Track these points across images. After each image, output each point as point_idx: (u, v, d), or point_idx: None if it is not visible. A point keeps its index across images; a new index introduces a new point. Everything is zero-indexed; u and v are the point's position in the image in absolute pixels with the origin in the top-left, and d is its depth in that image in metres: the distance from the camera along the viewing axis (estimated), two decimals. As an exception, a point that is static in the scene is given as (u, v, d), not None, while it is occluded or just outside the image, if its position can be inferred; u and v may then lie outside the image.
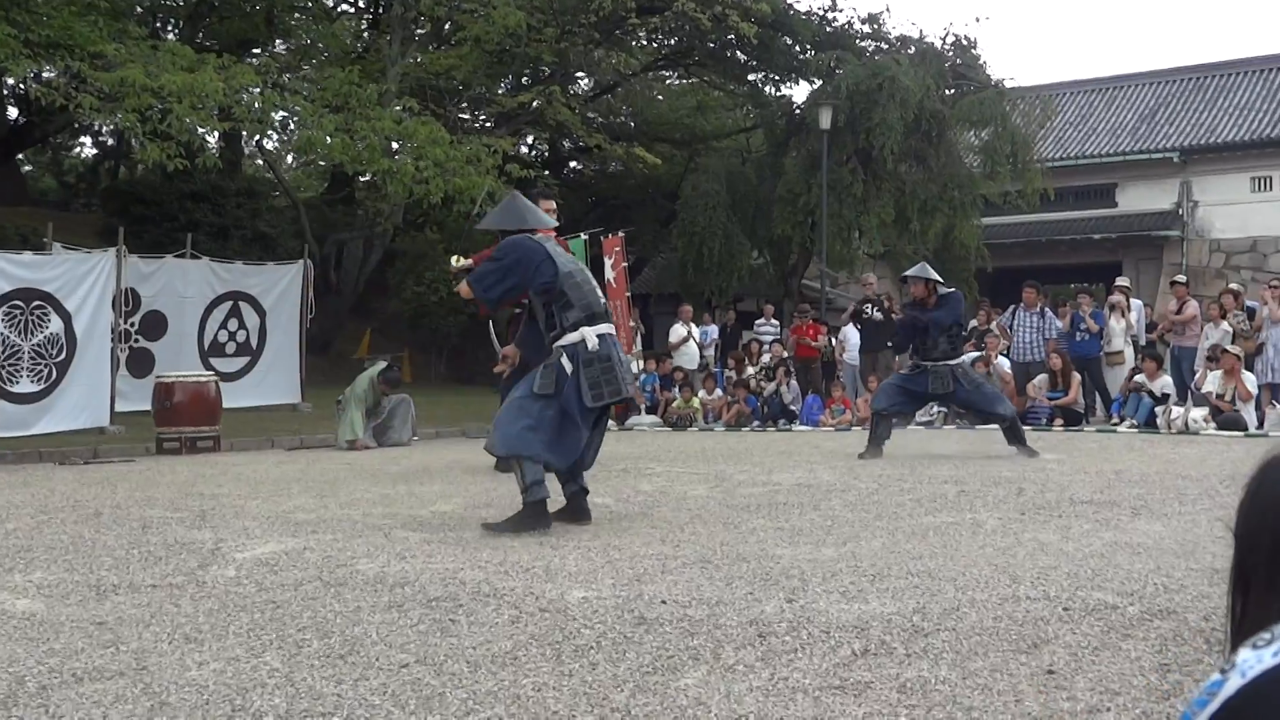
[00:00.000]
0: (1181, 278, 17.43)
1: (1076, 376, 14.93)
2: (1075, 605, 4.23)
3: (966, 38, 26.82)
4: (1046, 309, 15.96)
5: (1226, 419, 13.26)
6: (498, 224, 6.86)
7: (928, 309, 11.00)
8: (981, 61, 26.70)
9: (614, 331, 6.64)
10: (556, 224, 7.95)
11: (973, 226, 25.69)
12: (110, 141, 36.22)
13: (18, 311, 13.77)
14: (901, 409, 11.78)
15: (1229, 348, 13.93)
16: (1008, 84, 26.69)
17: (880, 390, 11.70)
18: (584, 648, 3.78)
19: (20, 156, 33.23)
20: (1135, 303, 17.39)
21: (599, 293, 6.69)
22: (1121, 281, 18.08)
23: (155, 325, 16.47)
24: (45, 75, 17.41)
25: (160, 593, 4.77)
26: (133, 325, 16.08)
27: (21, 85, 19.25)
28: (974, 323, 18.05)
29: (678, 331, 19.18)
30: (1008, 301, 17.57)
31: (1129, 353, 15.79)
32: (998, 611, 4.16)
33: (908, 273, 11.80)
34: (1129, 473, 8.83)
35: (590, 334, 6.34)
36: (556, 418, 6.32)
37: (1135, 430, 13.81)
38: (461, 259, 7.93)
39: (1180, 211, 32.37)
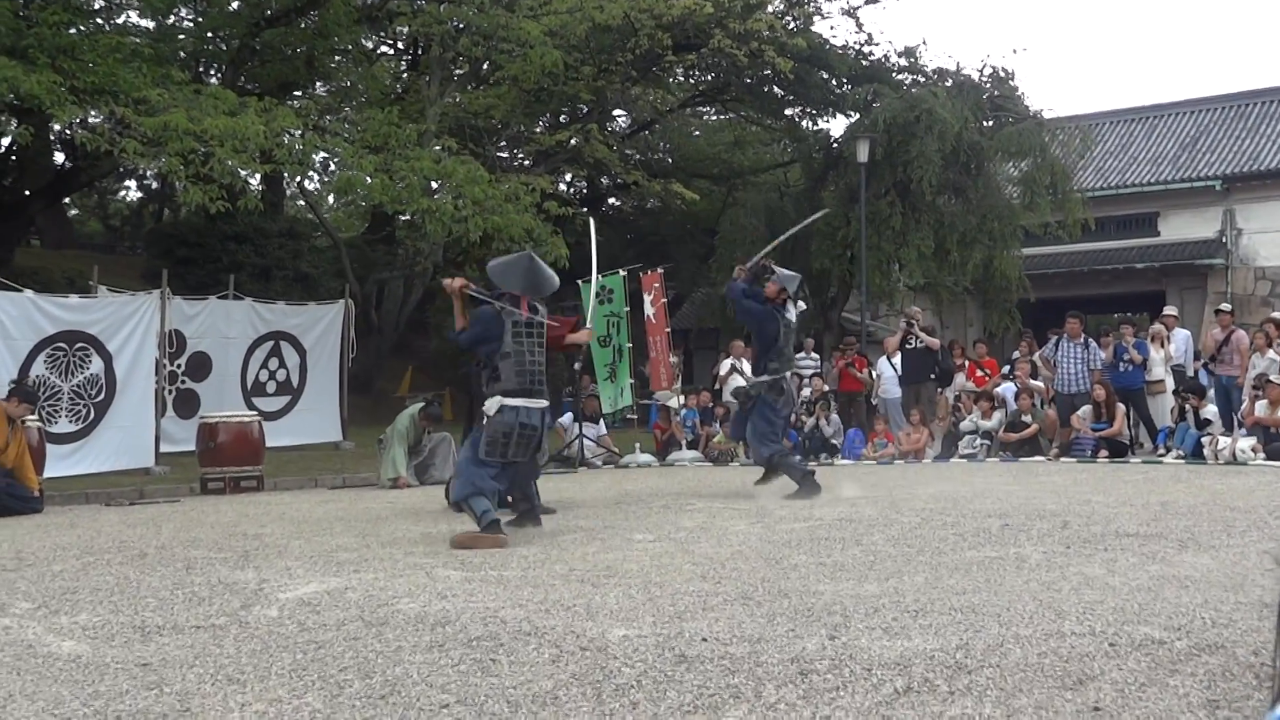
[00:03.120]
0: (1226, 306, 17.24)
1: (1121, 407, 14.77)
2: (1122, 640, 4.17)
3: (1004, 69, 26.72)
4: (1090, 339, 15.82)
5: (1275, 449, 13.09)
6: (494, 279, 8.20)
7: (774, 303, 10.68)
8: (1019, 93, 26.58)
9: (534, 405, 7.85)
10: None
11: (1013, 258, 25.56)
12: (154, 185, 36.68)
13: (60, 354, 13.95)
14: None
15: (1274, 378, 13.77)
16: (1046, 114, 26.56)
17: (756, 437, 10.85)
18: (625, 686, 3.77)
19: (67, 201, 33.69)
20: (1182, 332, 17.22)
21: (536, 373, 7.92)
22: (1169, 310, 17.92)
23: (200, 366, 16.63)
24: (91, 121, 17.64)
25: (204, 634, 4.80)
26: (179, 367, 16.24)
27: (68, 131, 19.49)
28: (1016, 354, 17.91)
29: (725, 365, 19.23)
30: (1050, 332, 17.46)
31: (1170, 381, 15.63)
32: (1042, 647, 4.11)
33: (776, 274, 11.14)
34: (1176, 504, 8.72)
35: (497, 402, 7.74)
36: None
37: (1182, 461, 13.64)
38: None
39: (1224, 240, 32.13)
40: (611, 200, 35.28)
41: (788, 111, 29.47)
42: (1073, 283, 32.28)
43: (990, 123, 26.24)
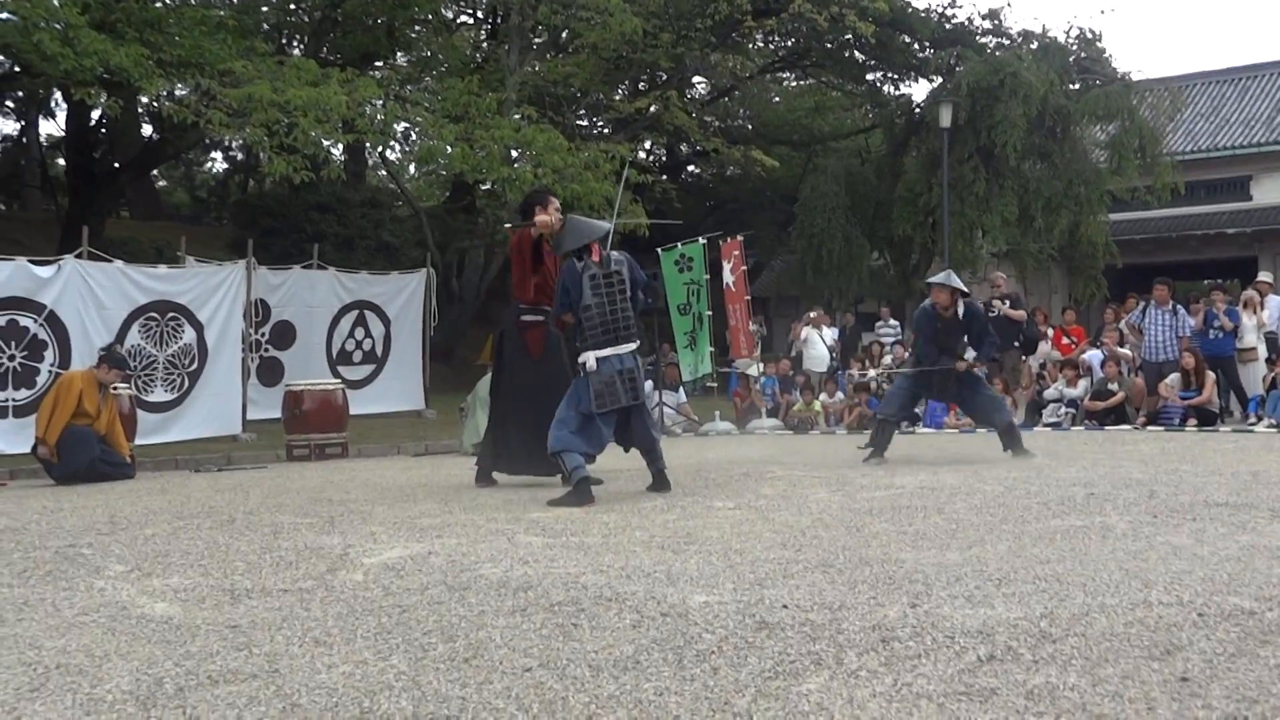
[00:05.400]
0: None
1: (1210, 375, 14.49)
2: (1211, 610, 4.10)
3: (1091, 30, 26.37)
4: (1179, 306, 15.52)
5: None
6: (570, 246, 8.47)
7: (945, 320, 10.82)
8: (1107, 54, 26.15)
9: (623, 351, 8.14)
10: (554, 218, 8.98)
11: (1100, 223, 25.15)
12: (239, 156, 37.24)
13: (153, 323, 14.24)
14: (909, 414, 11.82)
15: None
16: (1135, 76, 26.13)
17: (889, 397, 11.63)
18: (705, 652, 3.78)
19: (155, 172, 34.28)
20: (1276, 299, 16.83)
21: (620, 320, 8.19)
22: (1264, 276, 17.52)
23: (284, 335, 16.88)
24: (177, 93, 17.93)
25: (291, 597, 4.88)
26: (263, 335, 16.49)
27: (155, 103, 19.83)
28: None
29: (803, 331, 19.17)
30: (1137, 299, 17.14)
31: (1262, 349, 15.28)
32: (1129, 617, 4.05)
33: (932, 280, 11.50)
34: (1267, 474, 8.54)
35: (591, 357, 8.08)
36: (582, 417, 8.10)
37: (1274, 430, 13.36)
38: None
39: (1319, 204, 31.32)
40: (691, 167, 35.18)
41: (869, 76, 29.18)
42: (1161, 248, 31.70)
43: (1076, 85, 25.81)
